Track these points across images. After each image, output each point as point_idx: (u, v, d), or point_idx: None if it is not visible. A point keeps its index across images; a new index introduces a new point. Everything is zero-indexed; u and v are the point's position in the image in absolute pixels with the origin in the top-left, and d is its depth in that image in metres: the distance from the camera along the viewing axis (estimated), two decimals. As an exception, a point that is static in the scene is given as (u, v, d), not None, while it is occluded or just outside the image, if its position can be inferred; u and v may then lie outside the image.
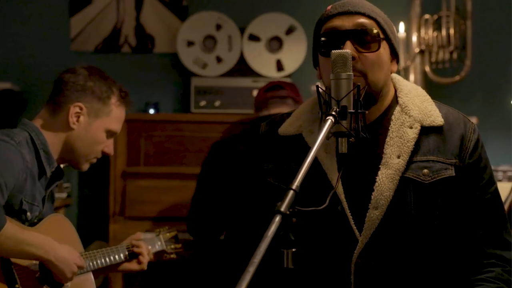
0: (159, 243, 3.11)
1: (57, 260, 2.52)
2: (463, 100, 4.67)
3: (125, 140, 4.45)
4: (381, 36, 2.10)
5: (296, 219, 1.60)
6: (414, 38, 4.69)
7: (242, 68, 4.70)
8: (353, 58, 1.99)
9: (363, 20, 2.09)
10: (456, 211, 2.10)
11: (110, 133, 2.86)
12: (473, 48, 4.63)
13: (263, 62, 4.68)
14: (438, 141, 2.12)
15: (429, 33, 4.65)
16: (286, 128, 2.21)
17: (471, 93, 4.84)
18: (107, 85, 2.83)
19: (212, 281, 3.87)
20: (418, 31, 4.68)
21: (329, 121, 1.82)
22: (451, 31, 4.61)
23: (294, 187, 1.63)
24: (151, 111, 4.68)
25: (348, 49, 2.02)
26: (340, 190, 2.07)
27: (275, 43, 4.72)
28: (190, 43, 4.70)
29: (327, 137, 1.81)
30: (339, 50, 1.93)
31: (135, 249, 2.95)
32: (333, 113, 1.85)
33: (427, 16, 4.66)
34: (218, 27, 4.70)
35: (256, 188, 2.26)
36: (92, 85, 2.80)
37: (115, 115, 2.85)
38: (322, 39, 2.11)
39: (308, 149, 2.08)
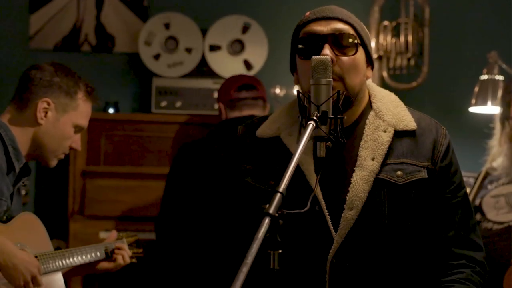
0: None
1: (7, 266, 2.44)
2: (419, 106, 4.66)
3: (85, 139, 4.41)
4: (358, 41, 2.16)
5: (283, 222, 1.64)
6: (373, 44, 4.76)
7: (203, 69, 4.70)
8: (332, 60, 2.04)
9: (340, 25, 2.15)
10: (428, 213, 2.17)
11: (78, 128, 2.89)
12: (430, 55, 4.70)
13: (228, 66, 4.69)
14: (411, 144, 2.20)
15: (388, 39, 4.72)
16: (264, 131, 2.25)
17: (428, 99, 4.91)
18: (74, 81, 2.87)
19: (174, 281, 3.88)
20: (377, 37, 4.74)
21: (311, 125, 1.87)
22: (409, 38, 4.68)
23: (281, 190, 1.67)
24: (111, 110, 4.64)
25: (326, 52, 2.08)
26: (317, 190, 2.11)
27: (237, 45, 4.74)
28: (151, 44, 4.69)
29: (306, 140, 1.86)
30: (319, 56, 1.99)
31: (116, 249, 2.96)
32: (314, 118, 1.90)
33: (386, 22, 4.72)
34: (180, 28, 4.70)
35: (233, 189, 2.29)
36: (58, 81, 2.83)
37: (82, 109, 2.89)
38: (300, 44, 2.16)
39: (286, 150, 2.15)
